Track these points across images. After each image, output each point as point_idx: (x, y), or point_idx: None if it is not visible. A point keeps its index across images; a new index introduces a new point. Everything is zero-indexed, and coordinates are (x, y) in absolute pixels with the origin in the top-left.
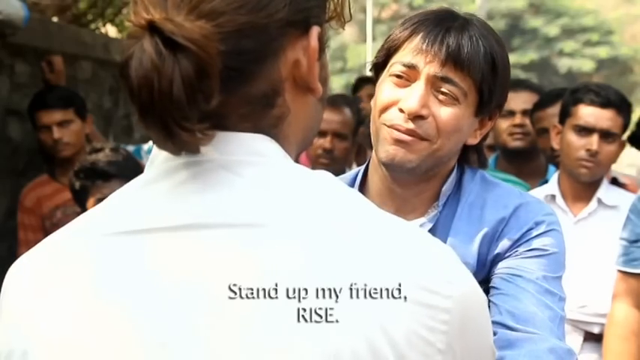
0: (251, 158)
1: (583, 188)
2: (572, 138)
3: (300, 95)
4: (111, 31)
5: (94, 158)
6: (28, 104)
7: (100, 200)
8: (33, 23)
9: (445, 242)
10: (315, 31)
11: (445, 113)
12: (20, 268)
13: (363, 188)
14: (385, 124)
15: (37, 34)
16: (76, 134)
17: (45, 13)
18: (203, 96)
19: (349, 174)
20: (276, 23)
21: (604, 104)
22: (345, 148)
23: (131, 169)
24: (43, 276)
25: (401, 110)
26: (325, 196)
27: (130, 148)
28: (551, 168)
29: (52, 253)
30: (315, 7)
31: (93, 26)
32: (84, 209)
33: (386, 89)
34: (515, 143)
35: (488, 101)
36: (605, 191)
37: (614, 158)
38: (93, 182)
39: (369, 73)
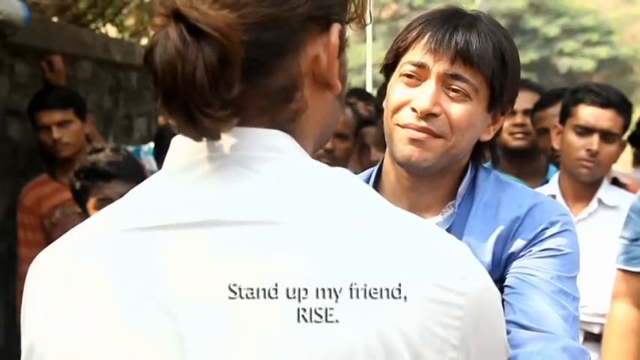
0: (267, 154)
1: (583, 188)
2: (573, 138)
3: (319, 91)
4: (111, 31)
5: (94, 158)
6: (28, 104)
7: (100, 200)
8: (33, 23)
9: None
10: (335, 28)
11: (457, 110)
12: (39, 264)
13: (376, 187)
14: (399, 125)
15: (37, 34)
16: (76, 134)
17: (45, 13)
18: (225, 84)
19: (363, 174)
20: (298, 17)
21: (604, 104)
22: (346, 148)
23: (132, 169)
24: (59, 273)
25: (413, 109)
26: (341, 193)
27: (130, 148)
28: (552, 168)
29: (69, 250)
30: (336, 5)
31: (93, 26)
32: (84, 209)
33: (397, 90)
34: (515, 143)
35: (499, 96)
36: (606, 191)
37: (614, 158)
38: (93, 182)
39: (369, 73)
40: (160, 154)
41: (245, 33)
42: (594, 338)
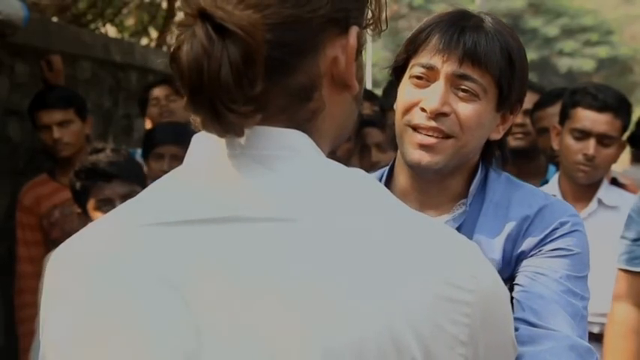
0: (285, 153)
1: (583, 189)
2: (570, 141)
3: (337, 92)
4: (111, 31)
5: (94, 159)
6: (27, 104)
7: (101, 201)
8: (33, 23)
9: (470, 239)
10: (354, 30)
11: (466, 109)
12: (59, 258)
13: (388, 186)
14: (409, 126)
15: (37, 34)
16: (76, 134)
17: (45, 13)
18: (248, 81)
19: (375, 173)
20: (319, 19)
21: (601, 108)
22: (347, 149)
23: (132, 170)
24: (78, 268)
25: (423, 109)
26: (356, 192)
27: None
28: (552, 168)
29: (87, 250)
30: (355, 9)
31: (93, 26)
32: (84, 210)
33: (407, 91)
34: (515, 143)
35: (507, 95)
36: (606, 192)
37: (612, 160)
38: (94, 183)
39: (369, 73)
40: (147, 154)
41: (268, 32)
42: (594, 338)
